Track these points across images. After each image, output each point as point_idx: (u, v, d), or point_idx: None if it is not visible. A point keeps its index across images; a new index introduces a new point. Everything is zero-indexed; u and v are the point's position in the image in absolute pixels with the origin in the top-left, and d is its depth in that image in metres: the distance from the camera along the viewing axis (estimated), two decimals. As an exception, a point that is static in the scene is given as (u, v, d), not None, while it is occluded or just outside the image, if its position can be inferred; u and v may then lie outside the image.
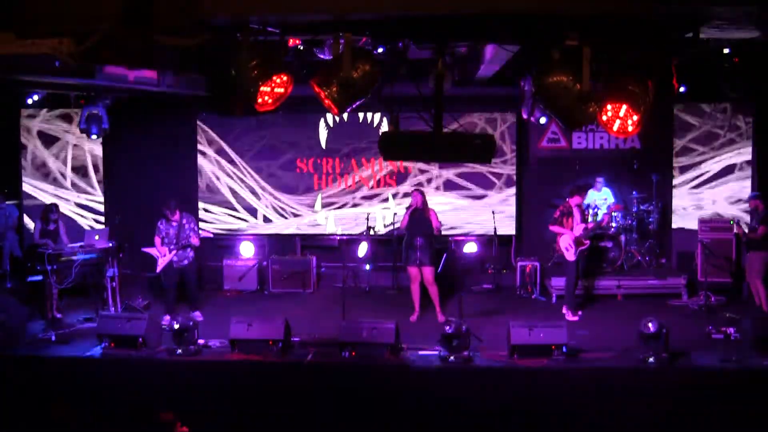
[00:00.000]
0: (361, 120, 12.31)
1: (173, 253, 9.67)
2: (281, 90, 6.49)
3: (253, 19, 6.20)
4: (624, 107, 6.24)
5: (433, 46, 7.12)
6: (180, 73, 8.74)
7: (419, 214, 9.55)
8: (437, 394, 7.62)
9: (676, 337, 8.04)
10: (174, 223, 9.70)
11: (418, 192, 9.72)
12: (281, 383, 7.84)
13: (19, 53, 5.90)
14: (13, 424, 6.82)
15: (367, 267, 11.89)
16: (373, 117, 12.28)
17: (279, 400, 7.66)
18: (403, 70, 8.42)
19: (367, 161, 12.39)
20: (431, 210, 9.68)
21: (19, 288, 9.92)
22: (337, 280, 11.49)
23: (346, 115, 12.05)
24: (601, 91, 6.37)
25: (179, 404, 6.83)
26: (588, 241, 9.85)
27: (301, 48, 8.06)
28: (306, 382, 7.83)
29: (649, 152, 11.97)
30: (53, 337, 8.76)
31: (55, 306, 9.73)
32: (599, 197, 11.63)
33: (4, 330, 8.46)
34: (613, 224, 11.32)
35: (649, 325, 7.74)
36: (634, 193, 11.66)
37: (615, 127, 6.35)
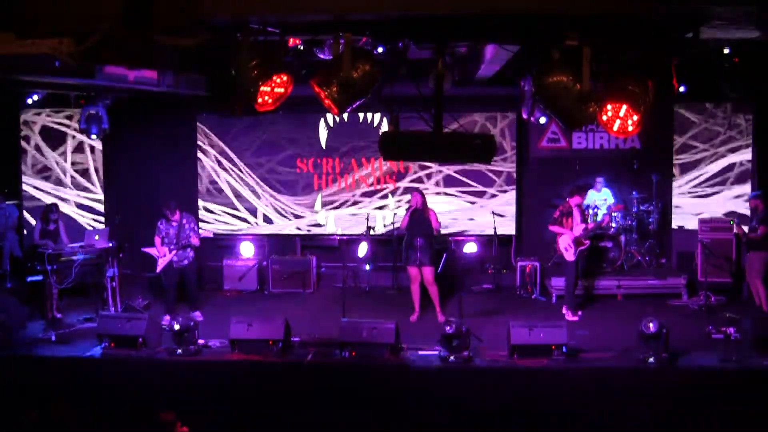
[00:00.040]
0: (361, 120, 12.30)
1: (173, 253, 9.66)
2: (281, 90, 6.49)
3: (253, 19, 6.21)
4: (624, 107, 6.24)
5: (433, 46, 7.12)
6: (180, 73, 8.75)
7: (419, 215, 9.55)
8: (437, 394, 7.62)
9: (676, 337, 8.05)
10: (174, 223, 9.70)
11: (418, 192, 9.72)
12: (281, 383, 7.84)
13: (19, 53, 5.90)
14: (12, 424, 6.81)
15: (367, 267, 11.89)
16: (373, 117, 12.28)
17: (279, 400, 7.66)
18: (403, 70, 8.43)
19: (367, 161, 12.39)
20: (431, 210, 9.68)
21: (19, 288, 9.92)
22: (337, 280, 11.48)
23: (346, 115, 12.04)
24: (601, 91, 6.38)
25: (179, 404, 6.82)
26: (588, 242, 9.85)
27: (301, 48, 8.06)
28: (306, 382, 7.83)
29: (649, 152, 11.96)
30: (53, 337, 8.76)
31: (55, 306, 9.73)
32: (599, 197, 11.62)
33: (4, 330, 8.47)
34: (613, 224, 11.31)
35: (649, 325, 7.75)
36: (634, 193, 11.65)
37: (615, 127, 6.36)
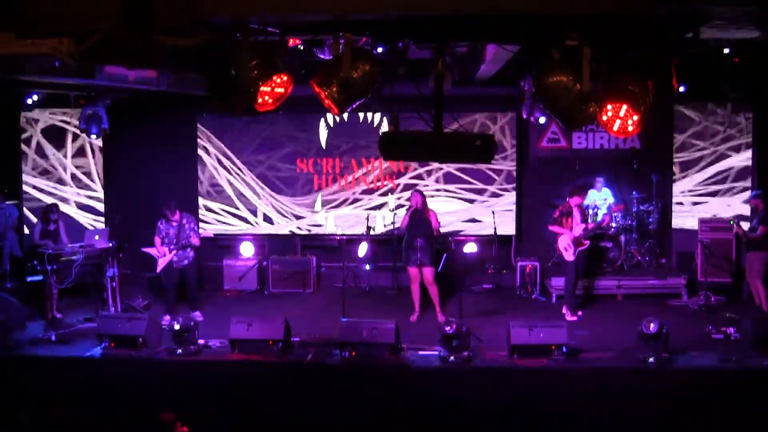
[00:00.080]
0: (361, 120, 12.30)
1: (173, 253, 9.66)
2: (281, 90, 6.49)
3: (253, 19, 6.20)
4: (624, 107, 6.24)
5: (433, 46, 7.12)
6: (180, 73, 8.74)
7: (419, 215, 9.54)
8: (437, 394, 7.62)
9: (676, 337, 8.05)
10: (174, 223, 9.70)
11: (418, 193, 9.72)
12: (281, 383, 7.84)
13: (19, 53, 5.90)
14: (12, 424, 6.81)
15: (367, 267, 11.89)
16: (373, 117, 12.27)
17: (279, 400, 7.66)
18: (403, 70, 8.43)
19: (367, 161, 12.39)
20: (431, 211, 9.68)
21: (19, 288, 9.93)
22: (337, 280, 11.48)
23: (346, 115, 12.04)
24: (601, 91, 6.38)
25: (179, 404, 6.82)
26: (587, 242, 9.84)
27: (301, 48, 8.06)
28: (306, 382, 7.83)
29: (649, 152, 11.96)
30: (53, 337, 8.76)
31: (55, 306, 9.73)
32: (599, 197, 11.62)
33: (3, 330, 8.47)
34: (613, 224, 11.32)
35: (650, 326, 7.75)
36: (634, 193, 11.65)
37: (615, 127, 6.36)
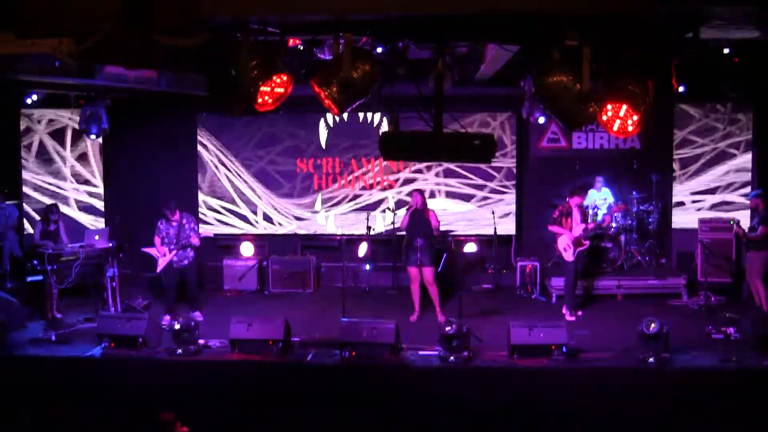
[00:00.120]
0: (361, 120, 12.30)
1: (173, 253, 9.66)
2: (281, 90, 6.49)
3: (253, 19, 6.20)
4: (624, 107, 6.24)
5: (433, 46, 7.12)
6: (180, 73, 8.74)
7: (419, 215, 9.54)
8: (437, 394, 7.62)
9: (676, 337, 8.06)
10: (174, 223, 9.70)
11: (418, 192, 9.72)
12: (281, 383, 7.84)
13: (19, 53, 5.90)
14: (12, 423, 6.81)
15: (367, 267, 11.89)
16: (373, 117, 12.28)
17: (279, 400, 7.66)
18: (403, 70, 8.43)
19: (367, 161, 12.39)
20: (431, 210, 9.68)
21: (19, 288, 9.92)
22: (337, 280, 11.48)
23: (346, 115, 12.04)
24: (601, 91, 6.37)
25: (179, 404, 6.83)
26: (587, 242, 9.84)
27: (301, 48, 8.06)
28: (306, 382, 7.83)
29: (649, 152, 11.96)
30: (53, 337, 8.75)
31: (55, 306, 9.73)
32: (599, 197, 11.62)
33: (2, 330, 8.47)
34: (614, 224, 11.32)
35: (650, 326, 7.75)
36: (634, 193, 11.65)
37: (615, 127, 6.35)
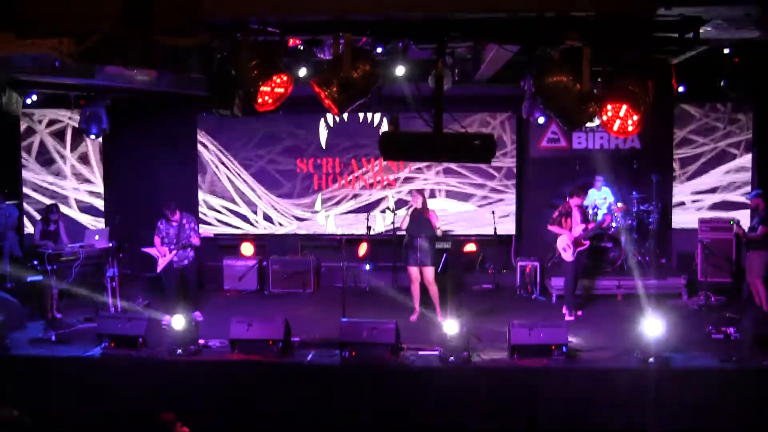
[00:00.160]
0: (361, 120, 12.30)
1: (173, 253, 9.65)
2: (281, 90, 6.50)
3: (253, 19, 6.21)
4: (624, 107, 6.24)
5: (433, 46, 7.12)
6: (180, 73, 8.74)
7: (419, 215, 9.54)
8: (437, 394, 7.62)
9: (676, 337, 8.05)
10: (174, 223, 9.69)
11: (418, 192, 9.72)
12: (281, 383, 7.83)
13: (19, 53, 5.90)
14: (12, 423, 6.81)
15: (367, 267, 11.89)
16: (373, 117, 12.28)
17: (279, 400, 7.66)
18: (403, 70, 8.42)
19: (367, 161, 12.39)
20: (431, 210, 9.68)
21: (19, 288, 9.92)
22: (337, 280, 11.46)
23: (346, 115, 12.04)
24: (601, 91, 6.38)
25: (179, 404, 6.83)
26: (587, 242, 9.83)
27: (301, 48, 8.06)
28: (306, 382, 7.83)
29: (649, 152, 11.96)
30: (53, 337, 8.74)
31: (55, 306, 9.73)
32: (599, 197, 11.62)
33: (4, 330, 8.46)
34: (614, 224, 11.32)
35: (651, 326, 7.74)
36: (634, 193, 11.64)
37: (615, 127, 6.36)
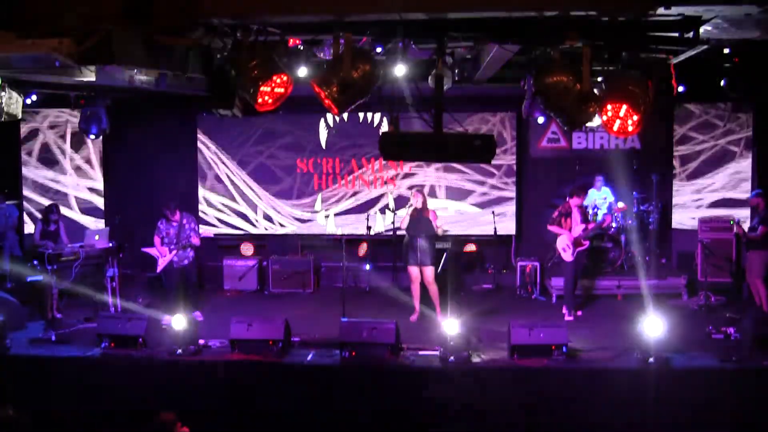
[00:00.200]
0: (361, 120, 12.30)
1: (173, 253, 9.66)
2: (281, 90, 6.50)
3: (253, 19, 6.21)
4: (624, 107, 6.24)
5: (433, 46, 7.12)
6: (180, 73, 8.74)
7: (419, 215, 9.54)
8: (437, 394, 7.62)
9: (676, 337, 8.05)
10: (174, 223, 9.69)
11: (419, 192, 9.72)
12: (281, 383, 7.84)
13: (19, 53, 5.90)
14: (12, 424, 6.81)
15: (367, 267, 11.89)
16: (373, 117, 12.28)
17: (279, 400, 7.66)
18: (403, 70, 8.40)
19: (367, 161, 12.39)
20: (431, 210, 9.68)
21: (19, 288, 9.92)
22: (337, 280, 11.47)
23: (346, 115, 12.04)
24: (601, 91, 6.38)
25: (179, 404, 6.81)
26: (587, 242, 9.83)
27: (301, 48, 8.06)
28: (306, 382, 7.83)
29: (649, 152, 11.96)
30: (53, 337, 8.75)
31: (55, 306, 9.73)
32: (599, 196, 11.62)
33: (4, 330, 8.46)
34: (614, 224, 11.32)
35: (651, 326, 7.74)
36: (634, 193, 11.64)
37: (615, 127, 6.36)
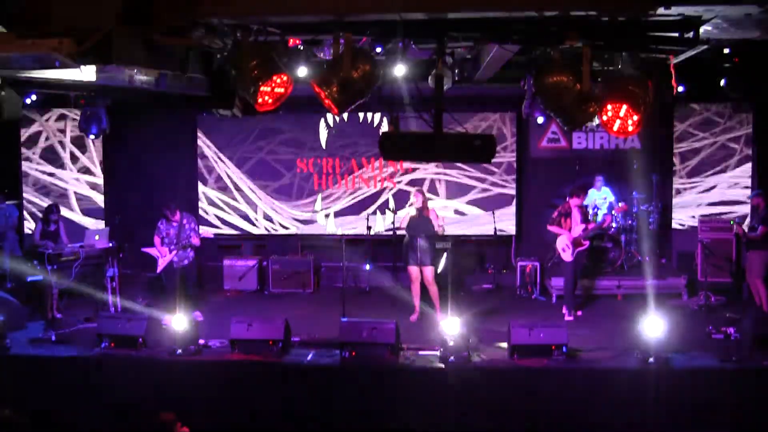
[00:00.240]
0: (361, 120, 12.30)
1: (173, 253, 9.65)
2: (281, 90, 6.50)
3: (253, 19, 6.20)
4: (624, 107, 6.24)
5: (433, 46, 7.12)
6: (180, 73, 8.74)
7: (420, 215, 9.54)
8: (437, 394, 7.62)
9: (676, 337, 8.05)
10: (174, 224, 9.69)
11: (419, 192, 9.72)
12: (281, 383, 7.84)
13: (19, 53, 5.90)
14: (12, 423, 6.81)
15: (367, 267, 11.89)
16: (373, 117, 12.28)
17: (279, 400, 7.66)
18: (403, 70, 8.40)
19: (368, 161, 12.39)
20: (431, 210, 9.68)
21: (19, 288, 9.92)
22: (337, 280, 11.47)
23: (346, 115, 12.04)
24: (601, 91, 6.37)
25: (179, 404, 6.82)
26: (587, 242, 9.83)
27: (301, 48, 8.06)
28: (306, 382, 7.83)
29: (649, 152, 11.96)
30: (53, 337, 8.75)
31: (55, 306, 9.73)
32: (599, 196, 11.62)
33: (4, 330, 8.46)
34: (614, 224, 11.32)
35: (651, 326, 7.74)
36: (634, 193, 11.65)
37: (615, 127, 6.35)
